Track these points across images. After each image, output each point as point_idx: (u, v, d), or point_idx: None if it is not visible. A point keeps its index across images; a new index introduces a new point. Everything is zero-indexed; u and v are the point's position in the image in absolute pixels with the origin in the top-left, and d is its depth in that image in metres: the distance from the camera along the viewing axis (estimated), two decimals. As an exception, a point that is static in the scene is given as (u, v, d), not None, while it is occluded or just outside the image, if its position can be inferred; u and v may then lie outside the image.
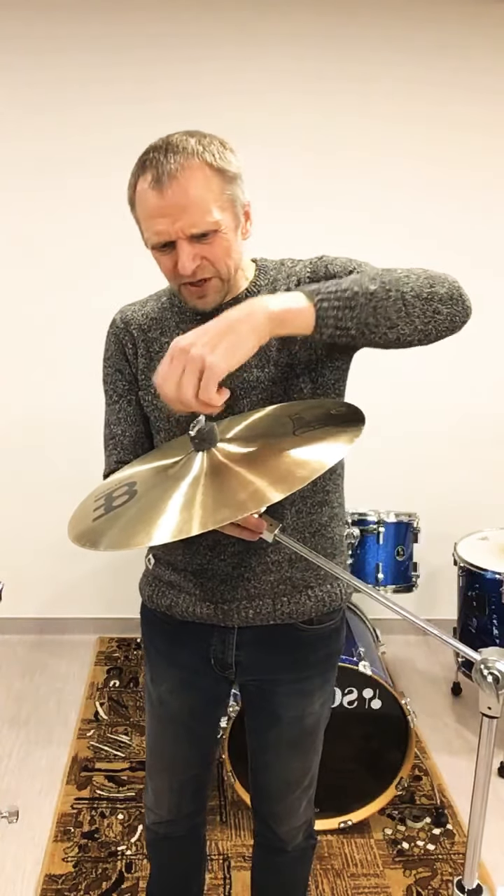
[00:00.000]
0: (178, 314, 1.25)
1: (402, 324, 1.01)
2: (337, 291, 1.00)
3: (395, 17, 2.85)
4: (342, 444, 0.94)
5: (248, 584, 1.24)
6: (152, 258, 1.15)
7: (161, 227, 1.08)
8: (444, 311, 1.02)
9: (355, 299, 0.99)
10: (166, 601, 1.30)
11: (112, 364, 1.30)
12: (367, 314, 0.99)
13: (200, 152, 1.08)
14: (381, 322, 1.00)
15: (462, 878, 0.93)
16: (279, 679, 1.30)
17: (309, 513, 1.24)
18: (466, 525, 2.85)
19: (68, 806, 2.17)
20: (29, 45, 2.81)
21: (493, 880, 1.97)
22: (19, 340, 3.02)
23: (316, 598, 1.27)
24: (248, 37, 2.84)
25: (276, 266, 1.25)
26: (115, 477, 1.15)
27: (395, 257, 2.98)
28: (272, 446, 0.98)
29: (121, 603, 3.26)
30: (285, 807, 1.40)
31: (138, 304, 1.31)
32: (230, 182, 1.11)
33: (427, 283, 1.02)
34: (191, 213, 1.06)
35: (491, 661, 0.85)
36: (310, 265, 1.21)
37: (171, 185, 1.05)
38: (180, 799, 1.42)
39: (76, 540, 0.95)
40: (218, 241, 1.10)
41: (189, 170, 1.06)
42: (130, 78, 2.85)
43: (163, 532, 0.86)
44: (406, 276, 1.01)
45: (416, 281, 1.01)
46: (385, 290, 1.00)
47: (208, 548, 1.24)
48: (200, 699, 1.35)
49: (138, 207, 1.11)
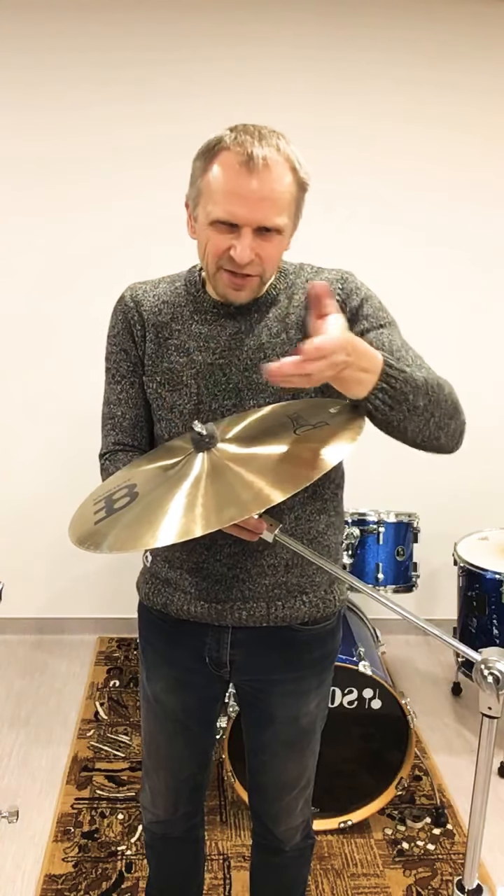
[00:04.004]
0: (193, 302, 1.23)
1: (411, 433, 1.08)
2: (399, 390, 1.02)
3: (395, 18, 2.85)
4: (344, 442, 0.94)
5: (242, 586, 1.23)
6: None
7: (237, 208, 1.07)
8: (441, 440, 1.12)
9: (404, 404, 1.03)
10: (162, 599, 1.30)
11: (117, 343, 1.27)
12: (400, 419, 1.04)
13: (290, 155, 1.10)
14: (399, 427, 1.06)
15: (462, 878, 0.93)
16: (274, 679, 1.30)
17: (307, 520, 1.24)
18: (466, 525, 2.85)
19: (68, 806, 2.17)
20: (29, 45, 2.81)
21: (493, 880, 1.97)
22: (19, 339, 3.02)
23: (310, 603, 1.27)
24: (248, 37, 2.84)
25: (295, 270, 1.24)
26: (114, 478, 1.14)
27: (396, 257, 2.99)
28: (273, 446, 0.98)
29: (121, 603, 3.25)
30: (282, 807, 1.40)
31: (150, 285, 1.28)
32: (301, 192, 1.14)
33: (450, 413, 1.10)
34: (269, 207, 1.08)
35: (491, 661, 0.86)
36: (340, 283, 1.20)
37: (262, 172, 1.06)
38: (177, 798, 1.42)
39: (78, 543, 0.95)
40: (275, 243, 1.12)
41: (280, 166, 1.08)
42: (130, 78, 2.85)
43: (167, 533, 0.86)
44: (445, 399, 1.09)
45: (446, 409, 1.10)
46: (425, 408, 1.07)
47: (205, 547, 1.23)
48: (195, 698, 1.35)
49: (211, 179, 1.09)
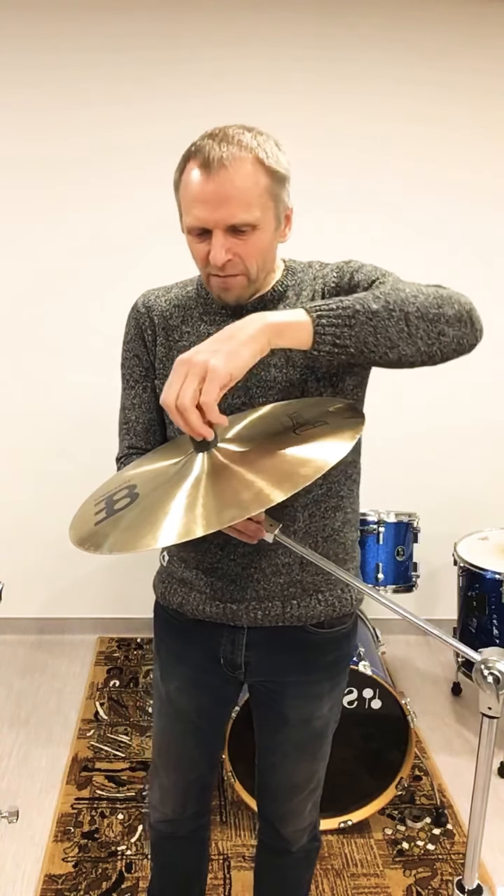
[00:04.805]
0: (203, 304, 1.24)
1: (404, 344, 0.99)
2: (337, 308, 0.99)
3: (395, 18, 2.85)
4: (344, 441, 0.93)
5: (257, 586, 1.23)
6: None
7: (201, 212, 1.07)
8: (450, 333, 1.00)
9: (355, 317, 0.98)
10: (178, 598, 1.30)
11: (130, 349, 1.29)
12: (367, 333, 0.98)
13: (254, 147, 1.07)
14: (380, 342, 0.98)
15: (462, 878, 0.93)
16: (288, 681, 1.29)
17: (322, 517, 1.23)
18: (466, 525, 2.86)
19: (68, 806, 2.17)
20: (29, 45, 2.81)
21: (493, 880, 1.97)
22: (19, 340, 3.02)
23: (326, 602, 1.26)
24: (248, 37, 2.84)
25: (303, 268, 1.24)
26: (114, 479, 1.14)
27: (395, 257, 2.99)
28: (273, 446, 0.98)
29: (121, 603, 3.26)
30: (290, 808, 1.40)
31: (162, 290, 1.30)
32: (277, 183, 1.11)
33: (435, 304, 1.00)
34: (232, 205, 1.06)
35: (491, 661, 0.85)
36: (336, 270, 1.19)
37: (218, 173, 1.05)
38: (185, 798, 1.42)
39: (79, 544, 0.95)
40: (253, 239, 1.10)
41: (239, 161, 1.06)
42: (130, 78, 2.85)
43: (168, 534, 0.86)
44: (414, 295, 1.00)
45: (424, 301, 0.99)
46: (388, 309, 0.98)
47: (218, 547, 1.23)
48: (208, 698, 1.35)
49: (182, 190, 1.10)
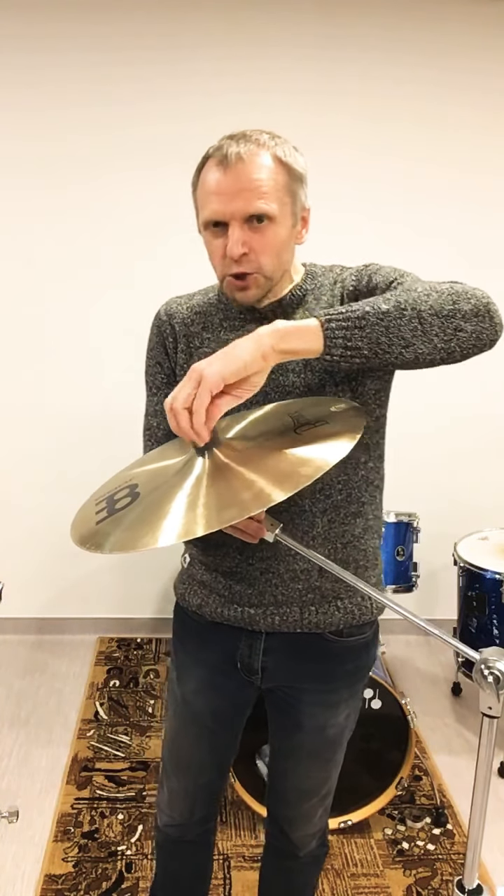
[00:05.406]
0: (223, 310, 1.24)
1: (419, 342, 0.97)
2: (346, 311, 0.98)
3: (395, 18, 2.85)
4: (345, 441, 0.94)
5: (275, 591, 1.22)
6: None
7: (217, 205, 1.08)
8: (467, 329, 0.98)
9: (365, 318, 0.97)
10: (197, 600, 1.30)
11: (153, 356, 1.31)
12: (379, 333, 0.97)
13: (272, 146, 1.09)
14: (394, 341, 0.97)
15: (462, 878, 0.93)
16: (305, 688, 1.29)
17: (342, 523, 1.21)
18: (466, 525, 2.85)
19: (68, 806, 2.17)
20: (29, 45, 2.81)
21: (493, 880, 1.97)
22: (19, 340, 3.02)
23: (345, 609, 1.24)
24: (248, 37, 2.84)
25: (324, 272, 1.24)
26: (115, 478, 1.14)
27: (395, 258, 2.99)
28: (274, 445, 0.98)
29: (121, 603, 3.26)
30: (300, 813, 1.39)
31: (185, 298, 1.31)
32: (294, 180, 1.12)
33: (450, 300, 0.98)
34: (248, 195, 1.07)
35: (491, 661, 0.86)
36: (355, 274, 1.19)
37: (235, 166, 1.07)
38: (194, 803, 1.41)
39: (80, 543, 0.95)
40: (269, 233, 1.10)
41: (256, 156, 1.08)
42: (130, 78, 2.85)
43: (168, 533, 0.86)
44: (427, 293, 0.98)
45: (438, 298, 0.98)
46: (399, 308, 0.97)
47: (237, 550, 1.22)
48: (224, 701, 1.34)
49: (199, 187, 1.11)
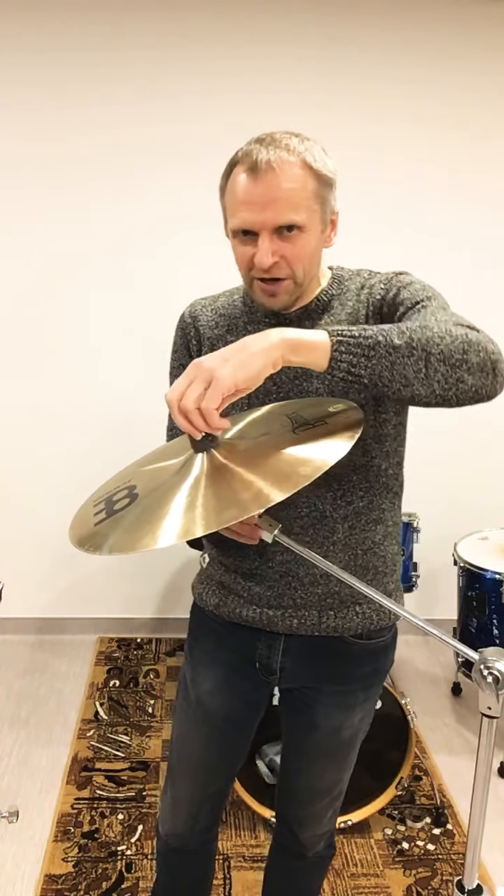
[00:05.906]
0: (248, 313, 1.24)
1: (419, 384, 0.96)
2: (359, 336, 0.96)
3: (395, 18, 2.85)
4: (344, 441, 0.94)
5: (294, 594, 1.22)
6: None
7: (247, 215, 1.07)
8: (469, 381, 0.96)
9: (375, 349, 0.95)
10: (215, 600, 1.30)
11: (177, 358, 1.31)
12: (384, 367, 0.95)
13: (301, 152, 1.08)
14: (395, 378, 0.96)
15: (462, 878, 0.93)
16: (322, 689, 1.28)
17: (363, 530, 1.21)
18: (466, 525, 2.85)
19: (68, 806, 2.17)
20: (29, 45, 2.81)
21: (493, 880, 1.97)
22: (20, 340, 3.02)
23: (363, 614, 1.24)
24: (249, 37, 2.84)
25: (350, 276, 1.23)
26: (114, 479, 1.14)
27: (395, 258, 2.99)
28: (273, 445, 0.98)
29: (121, 603, 3.26)
30: (310, 814, 1.39)
31: (209, 300, 1.31)
32: (324, 186, 1.12)
33: (461, 348, 0.96)
34: (279, 206, 1.06)
35: (491, 661, 0.85)
36: (384, 282, 1.18)
37: (266, 175, 1.06)
38: (199, 811, 1.40)
39: (78, 544, 0.95)
40: (300, 242, 1.10)
41: (287, 164, 1.06)
42: (131, 78, 2.85)
43: (168, 534, 0.86)
44: (441, 336, 0.96)
45: (451, 343, 0.96)
46: (410, 346, 0.95)
47: (257, 552, 1.22)
48: (239, 702, 1.33)
49: (228, 193, 1.11)
